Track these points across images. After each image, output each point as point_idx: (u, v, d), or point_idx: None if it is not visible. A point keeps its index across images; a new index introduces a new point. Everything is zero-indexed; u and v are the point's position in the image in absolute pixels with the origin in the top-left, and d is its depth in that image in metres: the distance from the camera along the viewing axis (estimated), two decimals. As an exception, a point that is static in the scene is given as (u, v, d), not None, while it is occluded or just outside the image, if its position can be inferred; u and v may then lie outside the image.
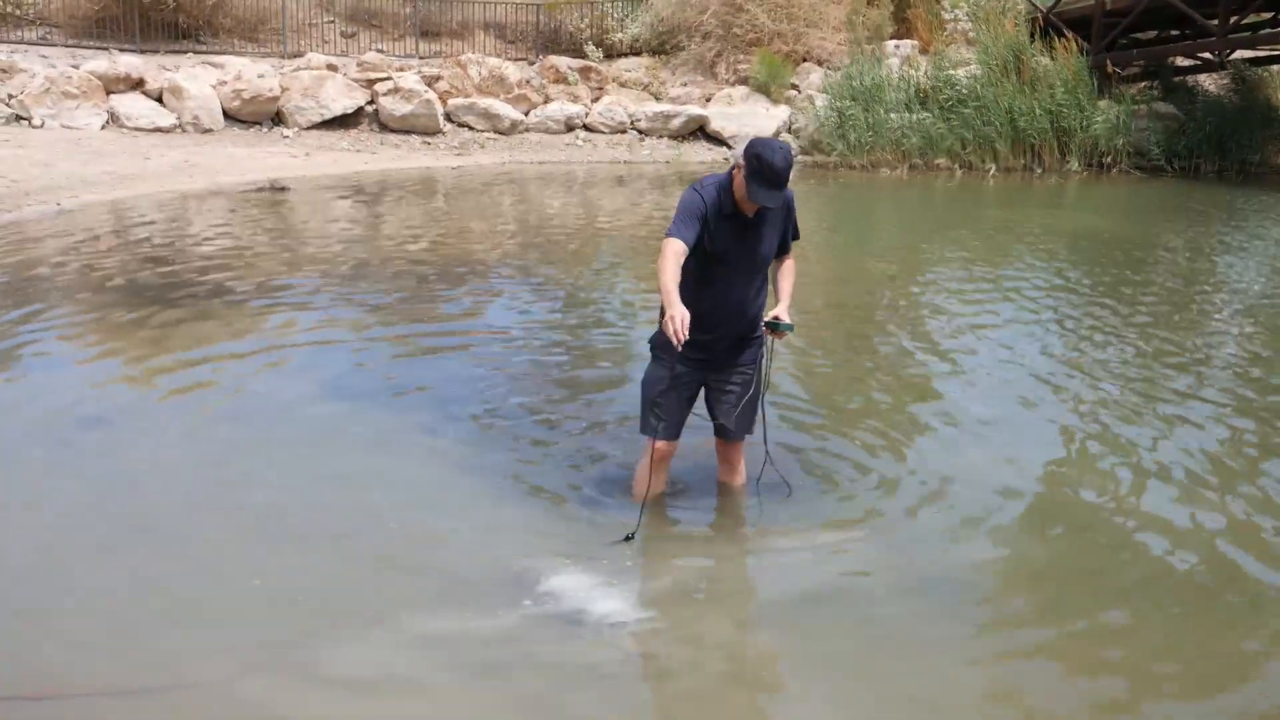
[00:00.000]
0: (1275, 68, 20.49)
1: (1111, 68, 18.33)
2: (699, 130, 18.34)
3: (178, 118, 15.74)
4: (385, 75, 17.33)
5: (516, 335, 6.81)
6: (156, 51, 18.04)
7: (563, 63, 19.10)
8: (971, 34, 19.15)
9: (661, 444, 4.17)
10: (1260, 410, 5.84)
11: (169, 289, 7.53)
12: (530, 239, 10.45)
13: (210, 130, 15.85)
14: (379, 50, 19.36)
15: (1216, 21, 16.60)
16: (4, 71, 15.62)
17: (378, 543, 4.01)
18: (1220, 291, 9.09)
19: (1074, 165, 17.60)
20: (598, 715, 3.14)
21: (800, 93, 18.69)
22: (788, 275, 4.06)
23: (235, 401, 5.39)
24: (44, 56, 16.86)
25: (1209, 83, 20.54)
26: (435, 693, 3.18)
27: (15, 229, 9.49)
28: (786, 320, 3.87)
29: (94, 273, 7.95)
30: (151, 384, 5.64)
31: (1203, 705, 3.29)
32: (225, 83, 16.39)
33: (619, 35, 20.45)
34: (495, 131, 17.60)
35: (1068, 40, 18.03)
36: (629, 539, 3.93)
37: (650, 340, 4.16)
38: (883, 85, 17.70)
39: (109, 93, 15.67)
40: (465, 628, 3.46)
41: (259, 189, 12.40)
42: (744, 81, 18.90)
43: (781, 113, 18.30)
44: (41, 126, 14.68)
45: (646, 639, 3.48)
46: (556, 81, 18.74)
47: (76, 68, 15.76)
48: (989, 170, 17.32)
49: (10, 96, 15.10)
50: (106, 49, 17.65)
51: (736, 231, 3.84)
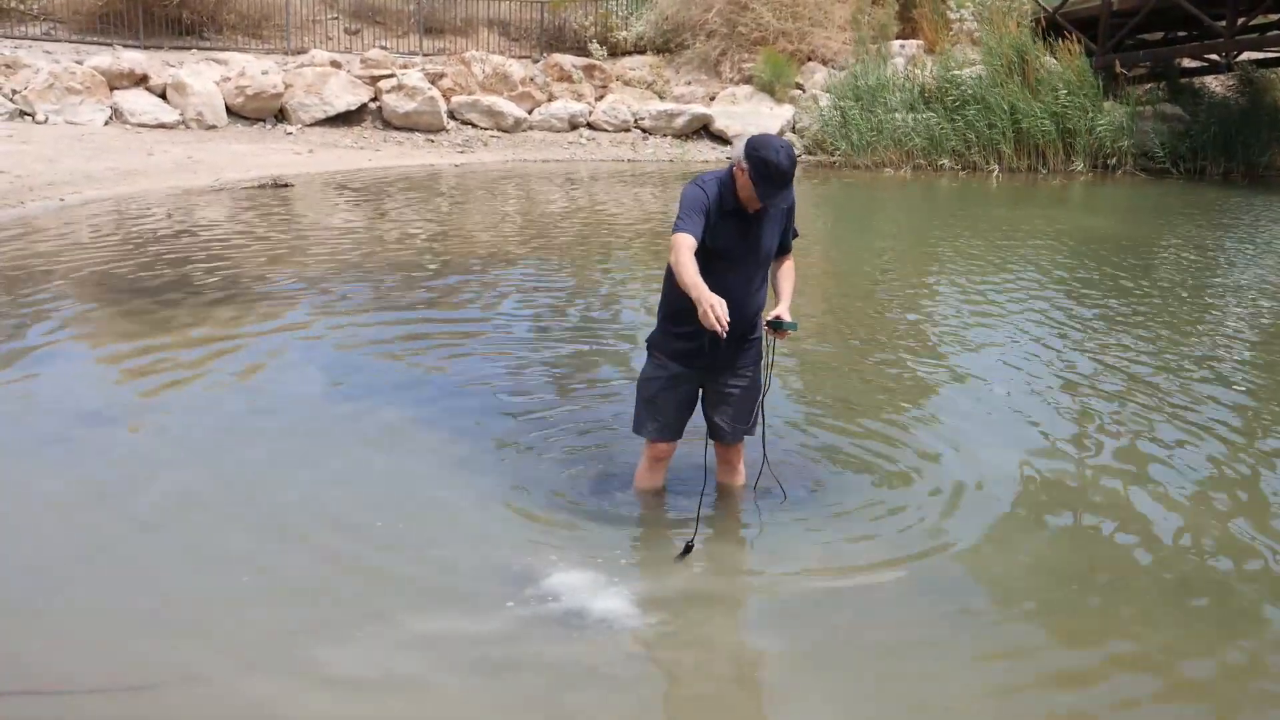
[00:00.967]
0: (1282, 70, 20.46)
1: (1119, 68, 18.30)
2: (703, 129, 18.35)
3: (181, 114, 15.76)
4: (389, 72, 17.35)
5: (518, 333, 6.82)
6: (160, 48, 18.06)
7: (567, 61, 19.10)
8: (977, 34, 19.14)
9: (659, 445, 4.16)
10: (1265, 412, 5.84)
11: (171, 285, 7.54)
12: (533, 237, 10.45)
13: (214, 127, 15.87)
14: (383, 47, 19.37)
15: (1224, 23, 16.58)
16: (8, 67, 15.64)
17: (378, 541, 4.01)
18: (1225, 294, 9.08)
19: (1079, 166, 17.59)
20: (598, 715, 3.14)
21: (805, 92, 18.69)
22: (788, 276, 4.03)
23: (236, 398, 5.39)
24: (48, 52, 16.89)
25: (1215, 84, 20.51)
26: (435, 692, 3.18)
27: (19, 225, 9.50)
28: (788, 319, 3.85)
29: (97, 269, 7.95)
30: (152, 380, 5.64)
31: (1210, 707, 3.29)
32: (229, 79, 16.40)
33: (623, 33, 20.46)
34: (499, 129, 17.61)
35: (1072, 41, 18.01)
36: (688, 549, 3.89)
37: (648, 340, 4.14)
38: (887, 85, 17.70)
39: (113, 89, 15.69)
40: (465, 626, 3.46)
41: (262, 186, 12.41)
42: (748, 80, 18.90)
43: (785, 112, 18.29)
44: (45, 122, 14.71)
45: (647, 639, 3.48)
46: (560, 79, 18.74)
47: (80, 63, 15.78)
48: (993, 171, 17.31)
49: (14, 92, 15.12)
50: (110, 45, 17.68)
51: (738, 228, 3.81)
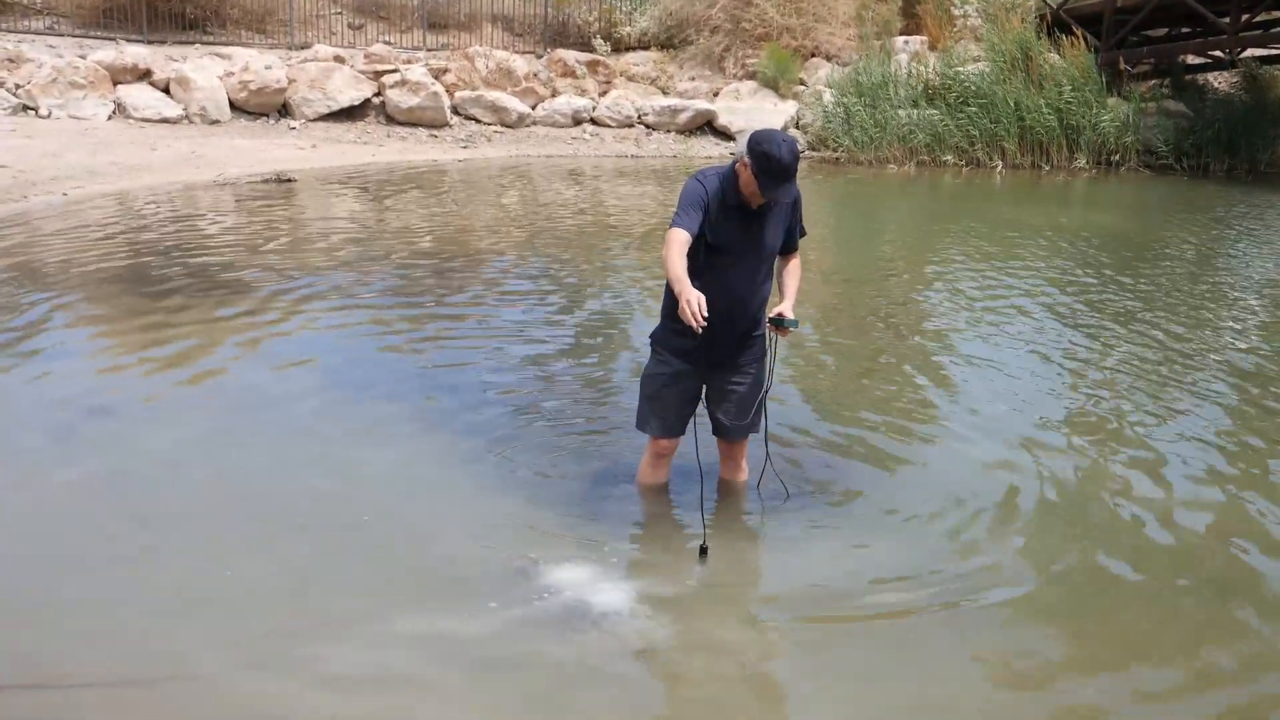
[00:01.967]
0: (1287, 66, 20.37)
1: (1123, 65, 18.22)
2: (706, 125, 18.28)
3: (184, 109, 15.70)
4: (392, 67, 17.28)
5: (521, 328, 6.79)
6: (164, 42, 18.00)
7: (570, 56, 19.02)
8: (981, 30, 19.05)
9: (662, 441, 4.14)
10: (1271, 407, 5.80)
11: (175, 280, 7.51)
12: (536, 232, 10.40)
13: (217, 121, 15.81)
14: (386, 42, 19.31)
15: (1228, 19, 16.50)
16: (11, 61, 15.58)
17: (378, 536, 3.99)
18: (1229, 291, 9.04)
19: (1082, 163, 17.51)
20: (599, 711, 3.12)
21: (808, 88, 18.62)
22: (793, 274, 4.00)
23: (238, 392, 5.38)
24: (51, 46, 16.82)
25: (1219, 81, 20.43)
26: (435, 690, 3.16)
27: (22, 219, 9.46)
28: (791, 316, 3.81)
29: (100, 263, 7.91)
30: (155, 374, 5.63)
31: (1216, 706, 3.26)
32: (232, 74, 16.34)
33: (627, 29, 20.38)
34: (502, 124, 17.53)
35: (1076, 38, 17.93)
36: (704, 552, 3.85)
37: (651, 335, 4.12)
38: (890, 81, 17.62)
39: (116, 83, 15.63)
40: (465, 623, 3.44)
41: (265, 180, 12.36)
42: (752, 76, 18.82)
43: (789, 108, 18.22)
44: (48, 117, 14.65)
45: (649, 635, 3.46)
46: (564, 75, 18.67)
47: (84, 58, 15.72)
48: (996, 167, 17.23)
49: (17, 86, 15.06)
50: (114, 39, 17.61)
51: (741, 224, 3.78)
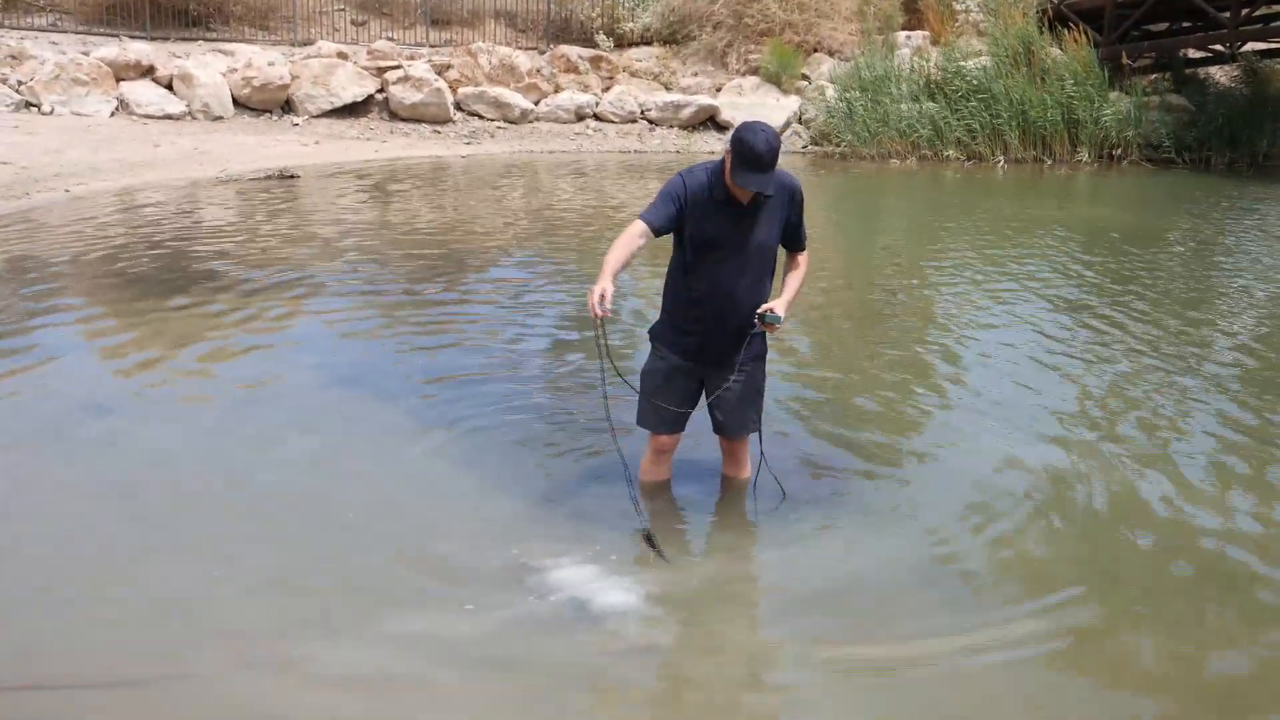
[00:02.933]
0: (1288, 60, 20.27)
1: (1125, 59, 18.12)
2: (709, 120, 18.19)
3: (187, 105, 15.62)
4: (395, 64, 17.20)
5: (523, 325, 6.74)
6: (167, 39, 17.92)
7: (573, 52, 18.94)
8: (983, 25, 18.96)
9: (662, 437, 4.10)
10: (1268, 399, 5.75)
11: (177, 276, 7.44)
12: (540, 228, 10.34)
13: (220, 118, 15.74)
14: (389, 38, 19.22)
15: (1228, 14, 16.42)
16: (14, 58, 15.51)
17: (377, 535, 3.94)
18: (1230, 283, 8.98)
19: (1084, 157, 17.42)
20: (600, 712, 3.08)
21: (811, 83, 18.53)
22: (796, 274, 3.95)
23: (239, 391, 5.33)
24: (54, 43, 16.74)
25: (1220, 75, 20.33)
26: (435, 690, 3.11)
27: (24, 216, 9.40)
28: (776, 313, 3.73)
29: (102, 260, 7.86)
30: (158, 372, 5.59)
31: (1218, 706, 3.22)
32: (235, 70, 16.27)
33: (630, 25, 20.29)
34: (505, 120, 17.45)
35: (1078, 32, 17.84)
36: (650, 542, 3.81)
37: (650, 331, 4.07)
38: (891, 76, 17.52)
39: (119, 80, 15.56)
40: (465, 622, 3.40)
41: (268, 177, 12.29)
42: (755, 72, 18.73)
43: (792, 103, 18.14)
44: (51, 113, 14.57)
45: (650, 634, 3.42)
46: (567, 71, 18.58)
47: (87, 54, 15.65)
48: (999, 161, 17.14)
49: (20, 83, 14.99)
50: (117, 36, 17.53)
51: (731, 219, 3.72)
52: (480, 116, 17.45)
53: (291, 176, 12.42)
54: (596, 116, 18.05)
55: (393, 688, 3.09)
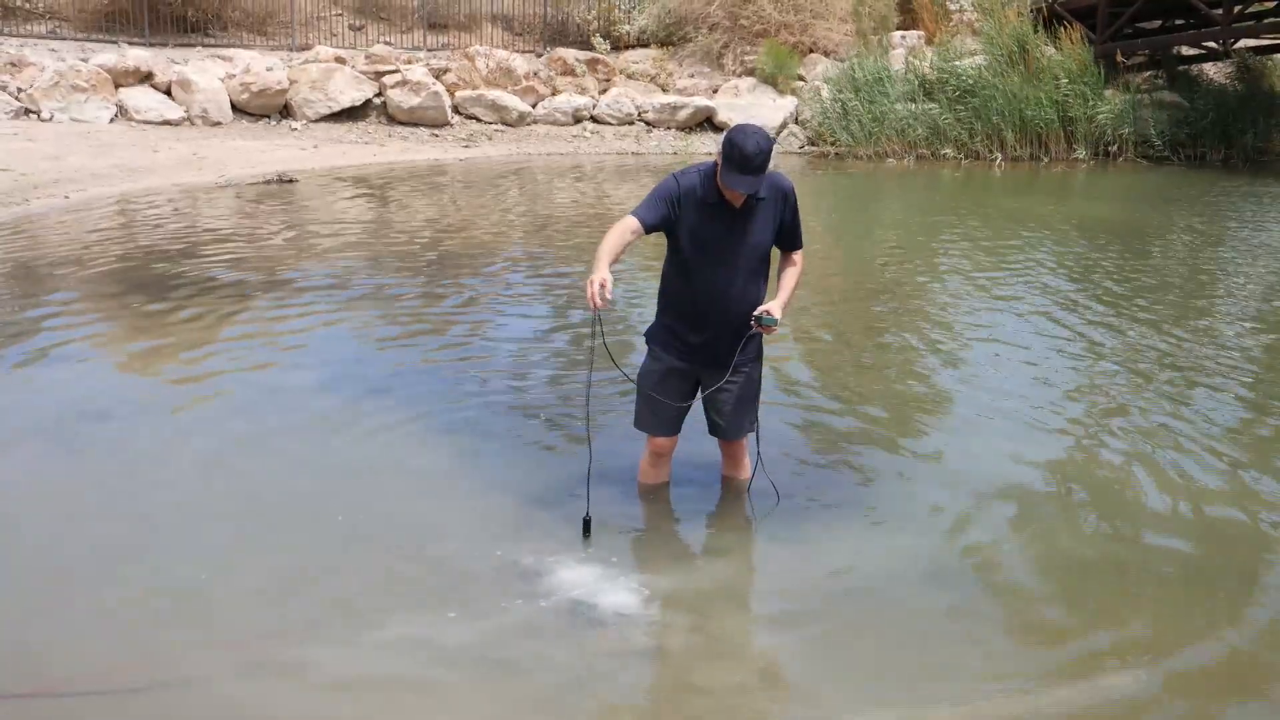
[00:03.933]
0: (1279, 56, 20.25)
1: (1119, 57, 18.10)
2: (706, 121, 18.16)
3: (186, 111, 15.59)
4: (393, 68, 17.17)
5: (523, 328, 6.71)
6: (165, 45, 17.89)
7: (570, 55, 18.90)
8: (977, 24, 18.94)
9: (659, 439, 4.08)
10: (1269, 394, 5.74)
11: (177, 281, 7.41)
12: (538, 231, 10.31)
13: (219, 123, 15.70)
14: (387, 43, 19.19)
15: (1220, 11, 16.40)
16: (13, 65, 15.47)
17: (378, 538, 3.92)
18: (1227, 278, 8.95)
19: (1080, 154, 17.41)
20: (606, 714, 3.05)
21: (807, 83, 18.50)
22: (791, 274, 3.91)
23: (241, 394, 5.30)
24: (53, 50, 16.71)
25: (1213, 71, 20.32)
26: (441, 692, 3.09)
27: (24, 222, 9.38)
28: (773, 315, 3.70)
29: (102, 265, 7.83)
30: (158, 377, 5.57)
31: (1226, 700, 3.20)
32: (234, 76, 16.24)
33: (626, 27, 20.26)
34: (503, 123, 17.42)
35: (1071, 30, 17.82)
36: (587, 527, 3.81)
37: (646, 332, 4.04)
38: (885, 76, 17.49)
39: (118, 86, 15.52)
40: (468, 624, 3.37)
41: (267, 181, 12.25)
42: (751, 73, 18.71)
43: (788, 104, 18.11)
44: (50, 120, 14.54)
45: (655, 634, 3.39)
46: (564, 73, 18.55)
47: (85, 61, 15.62)
48: (995, 160, 17.12)
49: (20, 90, 14.96)
50: (115, 42, 17.50)
51: (723, 221, 3.71)
52: (478, 119, 17.42)
53: (290, 181, 12.39)
54: (594, 119, 18.02)
55: (394, 691, 3.06)
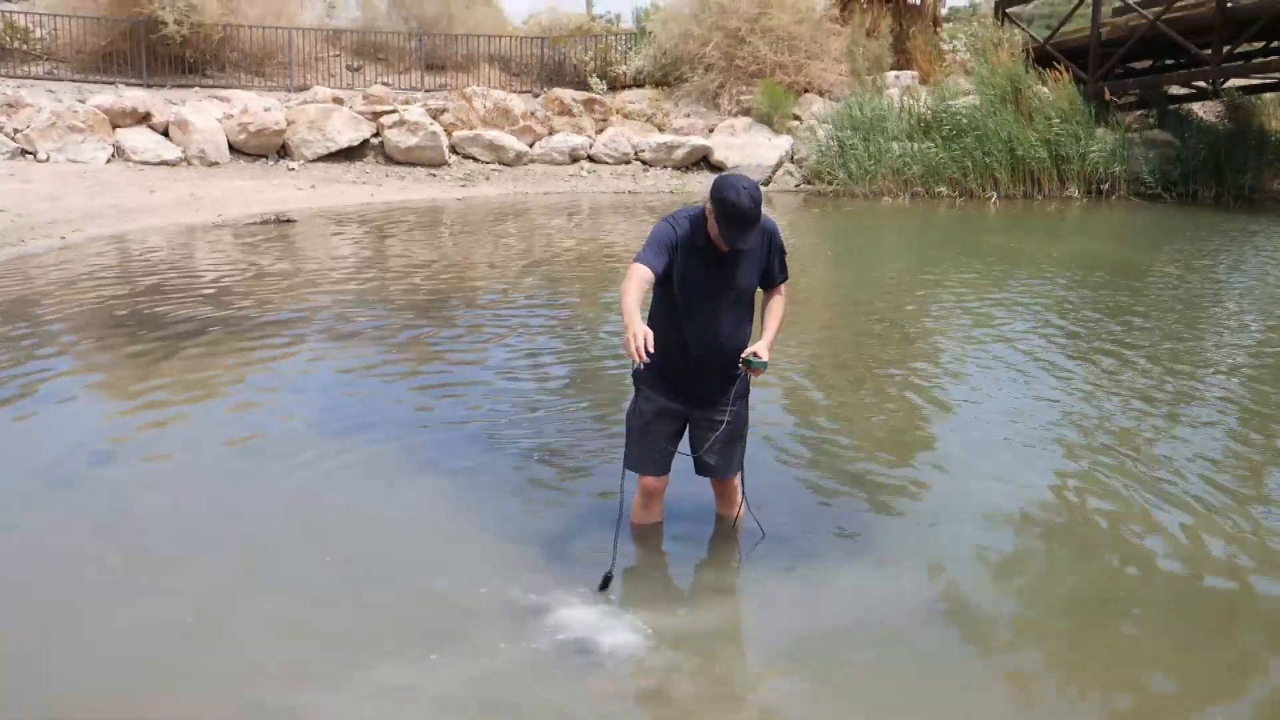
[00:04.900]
0: (1268, 95, 20.40)
1: (1108, 96, 18.21)
2: (702, 160, 18.23)
3: (184, 151, 15.61)
4: (391, 108, 17.23)
5: (520, 367, 6.66)
6: (163, 85, 17.95)
7: (567, 95, 19.00)
8: (970, 64, 19.05)
9: (649, 480, 4.05)
10: (1264, 429, 5.73)
11: (174, 322, 7.36)
12: (534, 270, 10.28)
13: (216, 163, 15.72)
14: (384, 83, 19.28)
15: (1210, 51, 16.50)
16: (10, 106, 15.50)
17: (381, 578, 3.88)
18: (1218, 314, 8.94)
19: (1073, 192, 17.45)
20: None
21: (802, 122, 18.57)
22: (775, 311, 3.91)
23: (235, 433, 5.25)
24: (50, 91, 16.76)
25: (1203, 110, 20.44)
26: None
27: (20, 263, 9.34)
28: (762, 358, 3.70)
29: (99, 306, 7.79)
30: (155, 415, 5.52)
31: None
32: (231, 116, 16.29)
33: (623, 67, 20.39)
34: (500, 163, 17.46)
35: (1060, 71, 17.93)
36: (607, 581, 3.72)
37: (633, 373, 3.99)
38: (883, 115, 17.56)
39: (115, 126, 15.56)
40: (468, 665, 3.33)
41: (265, 221, 12.23)
42: (746, 112, 18.81)
43: (784, 142, 18.17)
44: (47, 160, 14.56)
45: (656, 675, 3.34)
46: (561, 113, 18.63)
47: (83, 102, 15.67)
48: (990, 198, 17.15)
49: (16, 131, 14.99)
50: (113, 83, 17.56)
51: (711, 265, 3.73)
52: (475, 159, 17.46)
53: (288, 221, 12.36)
54: (590, 158, 18.07)
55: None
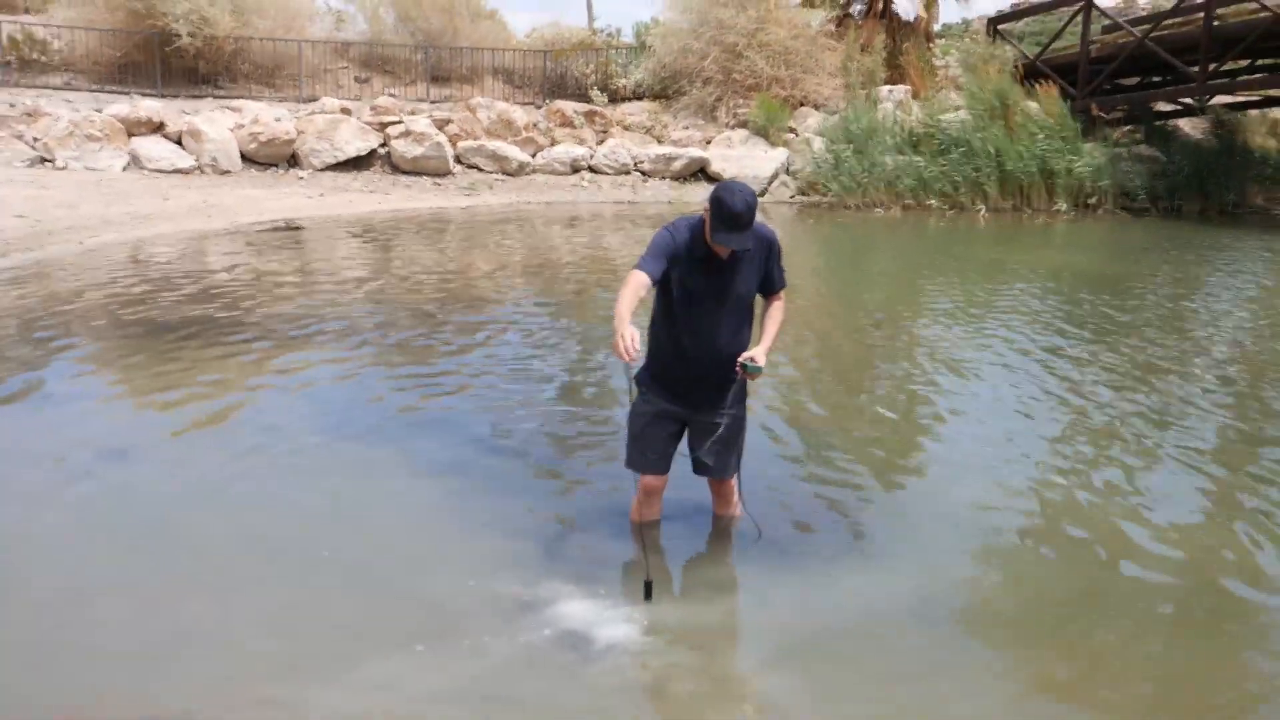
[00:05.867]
0: (1253, 112, 20.58)
1: (1096, 111, 18.38)
2: (700, 172, 18.38)
3: (197, 160, 15.76)
4: (397, 119, 17.39)
5: (521, 370, 6.75)
6: (177, 96, 18.12)
7: (569, 107, 19.16)
8: (961, 80, 19.22)
9: (650, 478, 4.12)
10: (1245, 435, 5.81)
11: (187, 325, 7.48)
12: (535, 277, 10.41)
13: (228, 172, 15.87)
14: (391, 95, 19.45)
15: (1196, 68, 16.67)
16: (30, 115, 15.67)
17: (380, 576, 3.94)
18: (1201, 324, 9.03)
19: (1061, 206, 17.58)
20: None
21: (798, 135, 18.74)
22: (773, 318, 3.97)
23: (244, 434, 5.33)
24: (68, 101, 16.93)
25: (1189, 127, 20.61)
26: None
27: (38, 267, 9.45)
28: (758, 363, 3.77)
29: (114, 309, 7.89)
30: (169, 417, 5.59)
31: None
32: (243, 126, 16.44)
33: (623, 80, 20.56)
34: (503, 173, 17.62)
35: (1048, 87, 18.09)
36: (649, 589, 3.75)
37: (635, 376, 4.08)
38: (877, 129, 17.73)
39: (130, 135, 15.71)
40: (468, 660, 3.38)
41: (275, 228, 12.38)
42: (743, 125, 18.96)
43: (780, 155, 18.33)
44: (65, 168, 14.70)
45: (652, 668, 3.41)
46: (563, 125, 18.79)
47: (99, 112, 15.81)
48: (980, 210, 17.31)
49: (35, 139, 15.13)
50: (128, 93, 17.73)
51: (710, 272, 3.79)
52: (479, 169, 17.63)
53: (297, 228, 12.52)
54: (591, 169, 18.23)
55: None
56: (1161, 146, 19.07)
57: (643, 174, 18.29)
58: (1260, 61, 19.17)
